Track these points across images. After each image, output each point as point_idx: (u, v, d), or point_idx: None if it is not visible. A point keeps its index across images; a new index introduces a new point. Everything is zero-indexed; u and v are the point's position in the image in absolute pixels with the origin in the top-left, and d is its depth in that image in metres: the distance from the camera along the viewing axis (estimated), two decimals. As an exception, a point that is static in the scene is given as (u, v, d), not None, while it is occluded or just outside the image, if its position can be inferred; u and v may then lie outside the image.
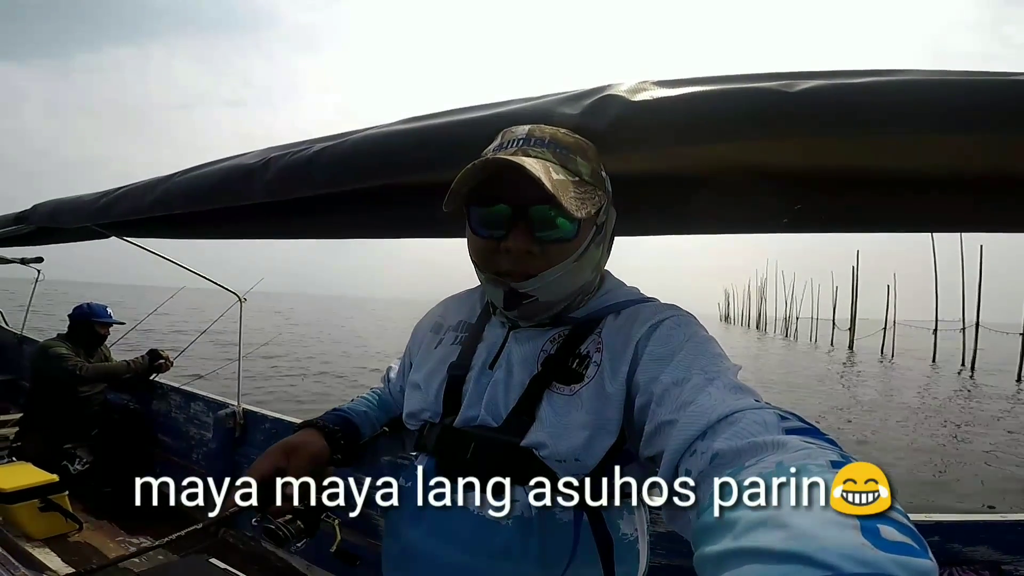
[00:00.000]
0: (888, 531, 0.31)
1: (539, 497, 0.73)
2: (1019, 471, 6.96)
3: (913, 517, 1.37)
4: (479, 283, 0.94)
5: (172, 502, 0.91)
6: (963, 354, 20.66)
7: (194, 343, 4.17)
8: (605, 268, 0.90)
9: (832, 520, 0.33)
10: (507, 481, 0.73)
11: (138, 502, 0.84)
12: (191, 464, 3.29)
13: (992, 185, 0.98)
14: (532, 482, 0.73)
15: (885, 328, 26.66)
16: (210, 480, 0.89)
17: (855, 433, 8.67)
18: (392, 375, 1.07)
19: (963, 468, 7.07)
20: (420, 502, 0.79)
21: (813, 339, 36.80)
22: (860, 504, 0.34)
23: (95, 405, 3.52)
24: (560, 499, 0.73)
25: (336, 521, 0.84)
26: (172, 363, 3.77)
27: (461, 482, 0.75)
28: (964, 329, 21.24)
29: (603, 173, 0.83)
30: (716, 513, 0.40)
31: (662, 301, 0.85)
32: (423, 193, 1.19)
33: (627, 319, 0.80)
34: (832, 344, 32.39)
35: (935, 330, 23.17)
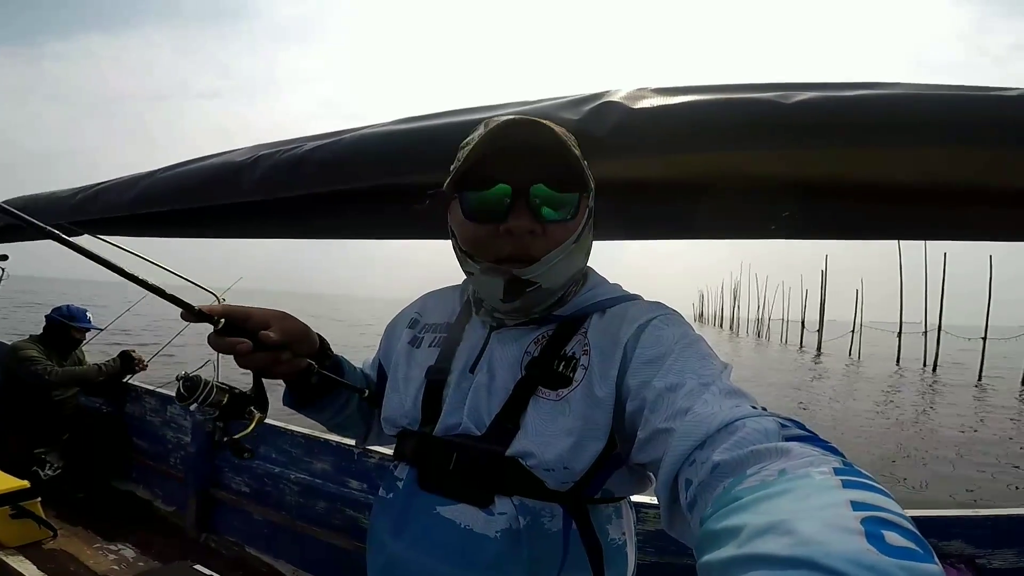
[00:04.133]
0: (892, 536, 0.31)
1: (527, 508, 0.71)
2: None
3: None
4: (460, 281, 0.93)
5: (150, 507, 0.87)
6: (924, 355, 21.37)
7: (169, 344, 4.06)
8: (588, 264, 0.88)
9: (836, 526, 0.33)
10: (493, 492, 0.71)
11: (114, 508, 0.79)
12: (169, 469, 3.21)
13: (975, 196, 1.02)
14: (519, 493, 0.71)
15: (853, 331, 27.36)
16: (190, 485, 0.86)
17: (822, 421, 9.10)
18: (365, 365, 1.03)
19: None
20: (402, 514, 0.77)
21: (784, 340, 37.62)
22: (864, 511, 0.34)
23: (67, 409, 3.42)
24: (548, 508, 0.72)
25: (259, 415, 0.80)
26: (146, 365, 3.67)
27: (444, 494, 0.74)
28: (927, 332, 21.95)
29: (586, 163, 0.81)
30: (719, 521, 0.40)
31: (646, 299, 0.83)
32: (418, 195, 1.19)
33: (613, 318, 0.78)
34: (802, 345, 33.16)
35: (899, 332, 23.88)
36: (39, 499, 2.53)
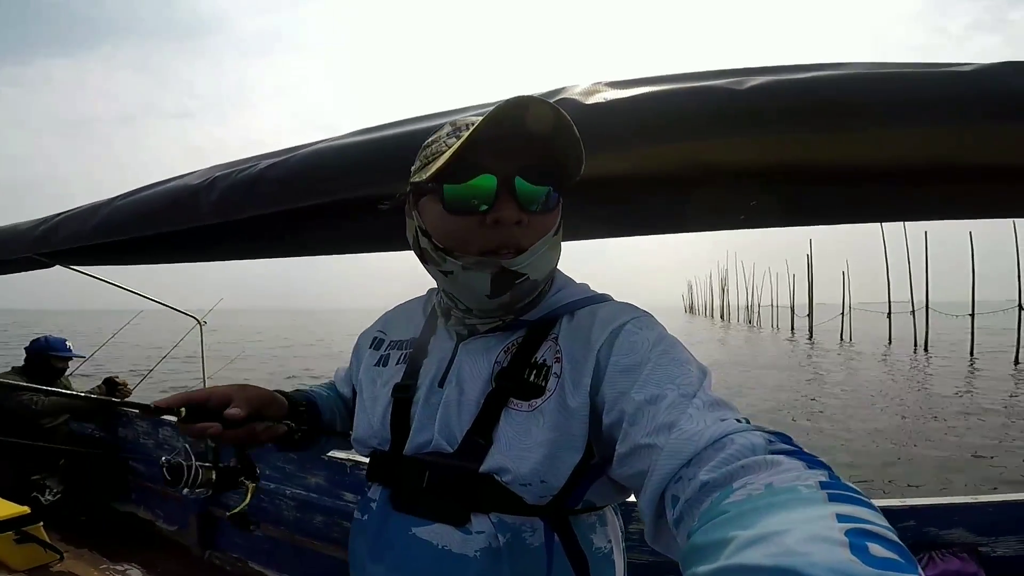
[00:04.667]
0: (876, 548, 0.32)
1: (506, 525, 0.69)
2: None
3: (889, 502, 1.39)
4: (427, 291, 0.92)
5: (153, 528, 0.87)
6: (915, 335, 21.55)
7: (155, 369, 4.03)
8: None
9: (821, 537, 0.33)
10: (469, 511, 0.69)
11: (117, 529, 0.79)
12: (166, 490, 3.22)
13: (938, 175, 1.01)
14: (496, 509, 0.69)
15: (843, 313, 27.56)
16: (190, 505, 0.86)
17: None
18: (339, 377, 1.02)
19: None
20: (378, 537, 0.75)
21: (775, 326, 37.79)
22: (848, 523, 0.34)
23: (59, 436, 3.44)
24: (529, 523, 0.70)
25: (252, 486, 0.80)
26: (131, 390, 3.68)
27: (419, 514, 0.72)
28: (914, 311, 22.15)
29: None
30: (706, 534, 0.40)
31: (617, 299, 0.81)
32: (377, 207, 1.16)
33: (583, 321, 0.75)
34: (793, 330, 33.32)
35: (888, 313, 24.08)
36: (41, 523, 2.54)
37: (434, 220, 0.74)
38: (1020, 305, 16.67)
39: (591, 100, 0.91)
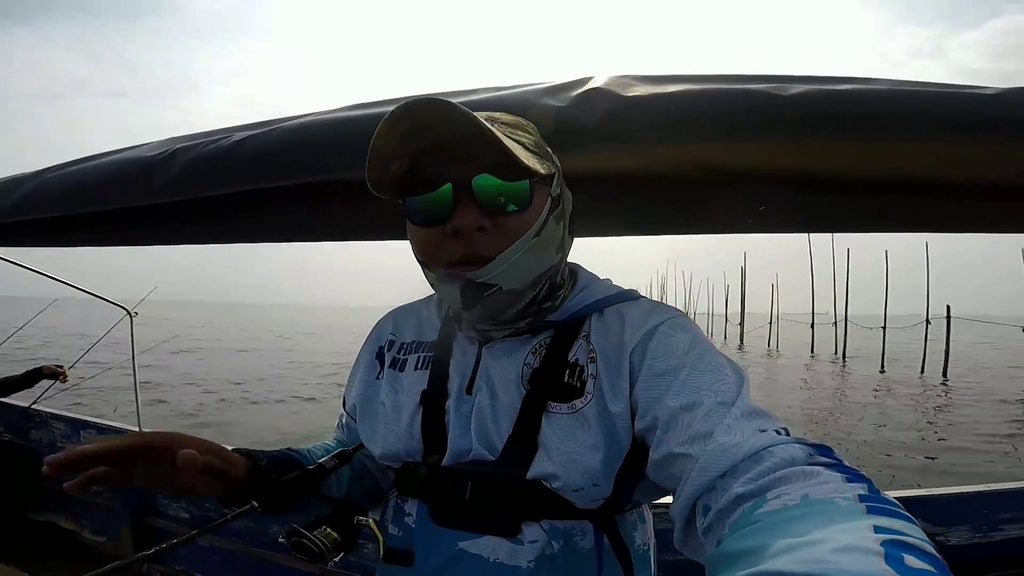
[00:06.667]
0: (911, 559, 0.31)
1: (557, 531, 0.67)
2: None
3: None
4: (432, 293, 0.85)
5: (78, 538, 0.72)
6: (835, 344, 23.04)
7: (79, 362, 3.66)
8: (575, 262, 0.83)
9: (856, 547, 0.32)
10: (519, 520, 0.67)
11: (37, 540, 0.64)
12: (92, 498, 2.94)
13: (969, 190, 1.02)
14: (547, 516, 0.67)
15: (771, 322, 29.08)
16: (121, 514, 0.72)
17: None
18: (348, 419, 0.90)
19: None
20: (422, 555, 0.70)
21: (710, 333, 39.38)
22: (886, 534, 0.33)
23: None
24: (579, 526, 0.68)
25: (370, 520, 0.73)
26: (66, 374, 3.39)
27: (465, 528, 0.68)
28: (836, 323, 23.67)
29: (549, 149, 0.75)
30: (736, 542, 0.39)
31: (646, 297, 0.79)
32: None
33: (614, 320, 0.73)
34: (725, 338, 34.92)
35: (812, 324, 25.59)
36: None
37: (410, 232, 0.73)
38: (927, 320, 18.20)
39: (628, 93, 0.85)
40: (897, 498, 0.39)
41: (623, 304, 0.76)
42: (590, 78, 0.88)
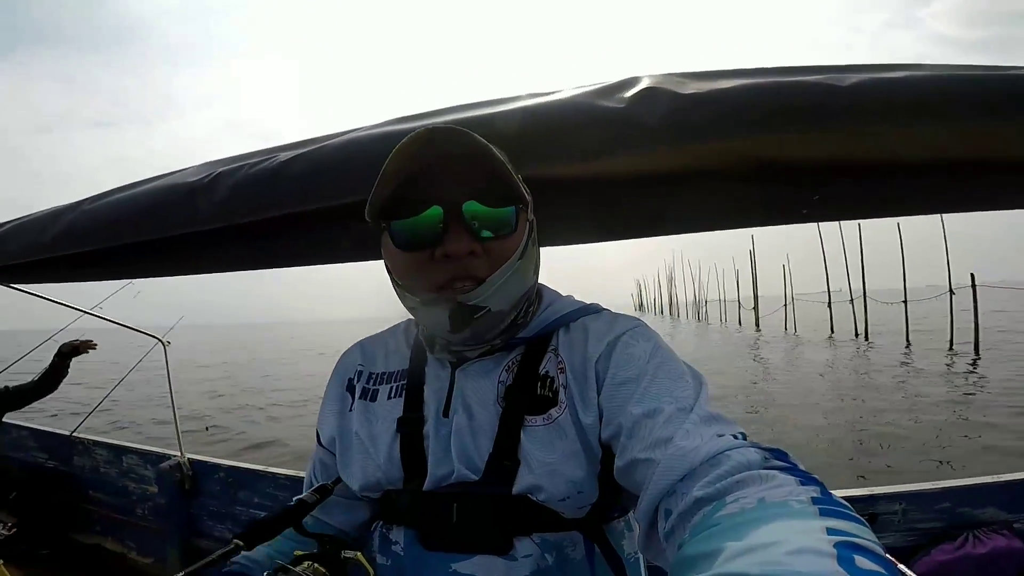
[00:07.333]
0: (862, 560, 0.33)
1: (549, 543, 0.68)
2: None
3: (922, 486, 1.41)
4: (401, 321, 0.88)
5: (125, 560, 0.72)
6: (855, 323, 22.72)
7: (112, 393, 3.71)
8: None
9: (810, 549, 0.34)
10: (510, 536, 0.68)
11: (84, 562, 0.63)
12: (137, 520, 3.05)
13: (1006, 167, 0.99)
14: (538, 529, 0.68)
15: (785, 305, 28.81)
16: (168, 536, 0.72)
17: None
18: (324, 454, 0.86)
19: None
20: None
21: (724, 320, 39.26)
22: (838, 536, 0.35)
23: (10, 470, 3.28)
24: (569, 537, 0.70)
25: (358, 553, 0.73)
26: (94, 344, 3.36)
27: (457, 549, 0.68)
28: (852, 300, 23.36)
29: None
30: (697, 545, 0.41)
31: (610, 310, 0.81)
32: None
33: (579, 334, 0.75)
34: (740, 323, 34.69)
35: (829, 303, 25.30)
36: (0, 560, 2.36)
37: (391, 256, 0.73)
38: (950, 290, 17.77)
39: (683, 90, 0.85)
40: (971, 486, 0.41)
41: (587, 317, 0.78)
42: (639, 78, 0.88)
